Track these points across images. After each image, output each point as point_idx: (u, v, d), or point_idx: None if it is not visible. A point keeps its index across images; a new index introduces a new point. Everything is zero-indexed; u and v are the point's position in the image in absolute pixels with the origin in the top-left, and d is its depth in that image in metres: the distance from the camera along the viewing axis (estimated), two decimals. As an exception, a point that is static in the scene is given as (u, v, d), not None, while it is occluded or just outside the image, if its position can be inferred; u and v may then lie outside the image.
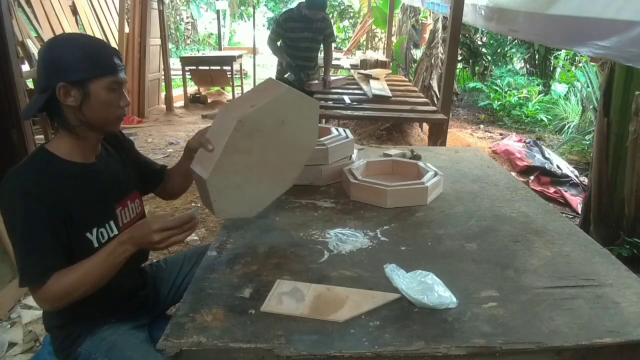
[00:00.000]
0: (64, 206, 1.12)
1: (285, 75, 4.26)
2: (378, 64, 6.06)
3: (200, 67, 7.33)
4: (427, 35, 7.55)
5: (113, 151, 1.34)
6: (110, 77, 1.14)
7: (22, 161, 1.15)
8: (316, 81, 4.51)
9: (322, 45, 4.51)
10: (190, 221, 1.11)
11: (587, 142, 5.32)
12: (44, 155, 1.16)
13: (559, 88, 7.34)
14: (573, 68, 7.32)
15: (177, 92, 7.69)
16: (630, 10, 1.87)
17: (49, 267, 1.08)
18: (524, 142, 5.26)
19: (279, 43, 4.36)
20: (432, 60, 6.32)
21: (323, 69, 4.59)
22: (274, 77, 4.65)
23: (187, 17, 15.28)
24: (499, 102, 7.11)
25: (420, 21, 9.07)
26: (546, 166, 4.50)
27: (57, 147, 1.18)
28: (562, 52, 7.61)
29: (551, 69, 8.05)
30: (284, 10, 4.50)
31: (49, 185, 1.11)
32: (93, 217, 1.20)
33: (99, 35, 6.66)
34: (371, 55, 7.18)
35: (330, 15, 13.86)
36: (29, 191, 1.08)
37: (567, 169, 4.56)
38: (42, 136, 4.07)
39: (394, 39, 8.04)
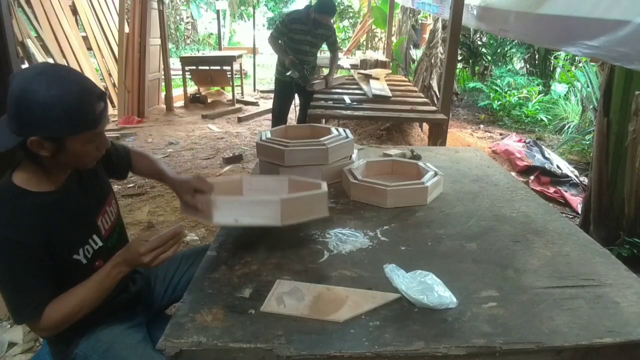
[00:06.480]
0: (46, 240, 1.08)
1: (288, 73, 4.26)
2: (378, 64, 6.06)
3: (200, 67, 7.34)
4: (427, 35, 7.54)
5: None
6: (90, 132, 1.06)
7: None
8: (318, 80, 4.52)
9: (317, 51, 4.63)
10: (175, 237, 1.12)
11: (587, 142, 5.32)
12: (14, 191, 1.08)
13: (559, 88, 7.34)
14: (573, 68, 7.31)
15: (177, 92, 7.69)
16: (618, 9, 1.87)
17: (41, 301, 1.08)
18: (524, 142, 5.26)
19: (280, 42, 4.37)
20: (432, 60, 6.32)
21: (328, 69, 4.75)
22: (273, 77, 4.71)
23: (187, 17, 15.29)
24: (499, 102, 7.10)
25: (420, 21, 9.07)
26: (546, 166, 4.50)
27: (24, 180, 1.10)
28: (562, 52, 7.61)
29: (551, 69, 8.05)
30: (291, 10, 4.54)
31: (26, 224, 1.05)
32: (76, 239, 1.18)
33: (99, 35, 6.66)
34: (371, 55, 7.18)
35: (330, 16, 13.84)
36: (8, 237, 1.03)
37: (567, 169, 4.56)
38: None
39: (394, 39, 8.04)
